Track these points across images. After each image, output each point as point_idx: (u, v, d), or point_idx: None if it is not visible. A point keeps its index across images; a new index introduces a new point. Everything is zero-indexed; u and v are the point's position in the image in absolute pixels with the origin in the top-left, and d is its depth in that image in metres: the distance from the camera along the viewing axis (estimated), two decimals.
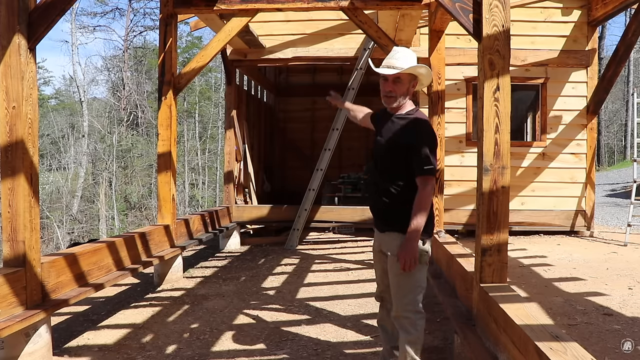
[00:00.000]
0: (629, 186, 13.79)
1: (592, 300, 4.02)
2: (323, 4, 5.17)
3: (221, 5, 5.22)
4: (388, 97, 2.49)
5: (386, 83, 2.46)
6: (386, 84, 2.47)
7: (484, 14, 2.73)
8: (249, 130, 8.72)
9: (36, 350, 2.96)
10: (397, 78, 2.44)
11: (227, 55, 7.58)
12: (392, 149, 2.45)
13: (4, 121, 3.00)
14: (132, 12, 29.29)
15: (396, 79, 2.44)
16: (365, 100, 10.28)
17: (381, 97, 2.50)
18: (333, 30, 7.47)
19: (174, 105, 5.28)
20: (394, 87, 2.45)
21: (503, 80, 2.72)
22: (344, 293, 4.60)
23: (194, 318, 3.95)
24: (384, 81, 2.48)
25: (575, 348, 1.80)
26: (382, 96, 2.50)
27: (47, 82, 35.01)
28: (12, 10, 3.00)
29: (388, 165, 2.46)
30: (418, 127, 2.42)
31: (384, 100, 2.50)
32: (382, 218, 2.52)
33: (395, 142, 2.44)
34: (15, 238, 3.00)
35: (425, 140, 2.37)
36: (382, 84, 2.49)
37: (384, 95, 2.49)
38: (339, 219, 7.50)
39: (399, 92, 2.46)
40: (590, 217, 7.18)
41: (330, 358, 3.11)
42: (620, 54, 6.71)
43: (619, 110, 33.09)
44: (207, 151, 30.17)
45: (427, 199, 2.34)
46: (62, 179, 26.99)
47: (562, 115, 7.25)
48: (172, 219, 5.24)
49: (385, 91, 2.48)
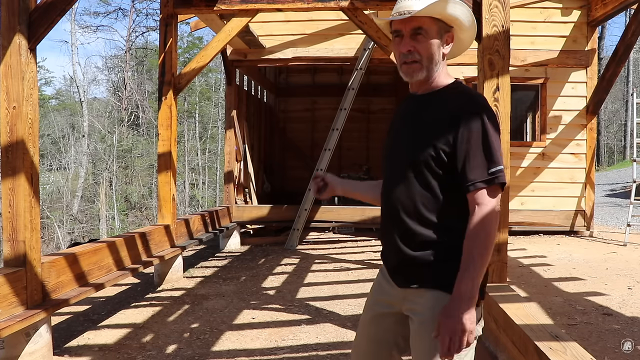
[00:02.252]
0: (628, 186, 13.79)
1: (592, 300, 4.02)
2: (323, 4, 5.17)
3: (221, 5, 5.22)
4: (409, 64, 1.48)
5: (401, 41, 1.48)
6: (402, 43, 1.48)
7: (484, 14, 2.73)
8: (249, 130, 8.72)
9: (36, 350, 2.97)
10: (417, 28, 1.45)
11: (227, 56, 7.58)
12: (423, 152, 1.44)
13: (4, 121, 3.00)
14: (135, 13, 29.34)
15: (416, 30, 1.45)
16: (365, 100, 10.51)
17: (398, 68, 1.53)
18: (333, 30, 7.47)
19: (174, 105, 5.29)
20: (415, 43, 1.46)
21: (503, 80, 2.73)
22: (344, 293, 4.60)
23: (194, 318, 3.96)
24: (398, 39, 1.49)
25: (574, 348, 1.80)
26: (400, 65, 1.51)
27: (48, 82, 35.05)
28: (13, 10, 3.00)
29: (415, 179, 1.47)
30: (469, 106, 1.44)
31: (402, 72, 1.51)
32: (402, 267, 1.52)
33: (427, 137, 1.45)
34: (15, 238, 3.01)
35: (484, 128, 1.40)
36: (395, 46, 1.51)
37: (401, 62, 1.50)
38: (339, 219, 7.50)
39: (424, 52, 1.46)
40: (589, 217, 7.18)
41: (330, 358, 3.11)
42: (620, 54, 6.71)
43: (619, 111, 33.11)
44: (207, 151, 30.19)
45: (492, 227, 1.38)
46: (62, 179, 26.99)
47: (561, 116, 7.25)
48: (173, 218, 5.25)
49: (403, 54, 1.48)
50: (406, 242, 1.48)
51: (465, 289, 1.34)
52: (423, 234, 1.46)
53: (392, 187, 1.54)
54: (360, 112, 10.46)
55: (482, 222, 1.37)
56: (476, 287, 1.35)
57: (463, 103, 1.44)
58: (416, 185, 1.47)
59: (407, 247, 1.48)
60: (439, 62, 1.49)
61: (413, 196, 1.47)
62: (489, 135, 1.40)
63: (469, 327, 1.32)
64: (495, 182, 1.39)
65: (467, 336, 1.32)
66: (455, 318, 1.33)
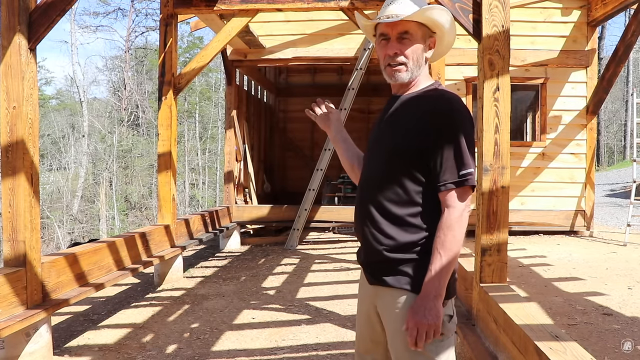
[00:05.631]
0: (628, 186, 13.80)
1: (592, 300, 4.02)
2: (323, 4, 5.18)
3: (221, 5, 5.22)
4: (393, 67, 1.53)
5: (388, 44, 1.53)
6: (388, 45, 1.53)
7: (484, 14, 2.73)
8: (249, 130, 8.72)
9: (37, 349, 2.97)
10: (404, 32, 1.51)
11: (227, 56, 7.58)
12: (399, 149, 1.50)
13: (4, 121, 3.00)
14: (135, 13, 29.35)
15: (403, 34, 1.51)
16: (365, 100, 10.51)
17: (383, 71, 1.59)
18: (333, 30, 7.48)
19: (174, 105, 5.29)
20: (401, 47, 1.51)
21: (503, 80, 2.73)
22: (344, 293, 4.60)
23: (194, 318, 3.96)
24: (384, 42, 1.54)
25: (574, 348, 1.80)
26: (384, 67, 1.57)
27: (48, 82, 35.05)
28: (13, 10, 3.00)
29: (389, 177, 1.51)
30: (443, 107, 1.48)
31: (387, 73, 1.57)
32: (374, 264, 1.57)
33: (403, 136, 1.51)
34: (15, 238, 3.01)
35: (457, 127, 1.45)
36: (381, 49, 1.56)
37: (386, 64, 1.55)
38: (339, 219, 7.50)
39: (410, 56, 1.52)
40: (589, 217, 7.18)
41: (330, 358, 3.11)
42: (620, 54, 6.71)
43: (619, 110, 33.11)
44: (207, 151, 30.19)
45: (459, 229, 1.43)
46: (62, 179, 26.99)
47: (561, 116, 7.25)
48: (173, 218, 5.25)
49: (388, 56, 1.53)
50: (376, 239, 1.53)
51: (432, 288, 1.43)
52: (392, 232, 1.50)
53: (367, 185, 1.60)
54: (360, 112, 10.47)
55: (450, 223, 1.43)
56: (442, 285, 1.43)
57: (438, 106, 1.49)
58: (389, 184, 1.51)
59: (377, 244, 1.53)
60: (422, 65, 1.56)
61: (385, 195, 1.52)
62: (460, 138, 1.44)
63: (434, 321, 1.41)
64: (465, 184, 1.44)
65: (434, 330, 1.42)
66: (420, 314, 1.42)
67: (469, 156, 1.45)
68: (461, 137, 1.44)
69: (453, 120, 1.46)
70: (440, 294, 1.43)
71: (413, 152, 1.47)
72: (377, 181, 1.55)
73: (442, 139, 1.44)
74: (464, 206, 1.45)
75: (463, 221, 1.44)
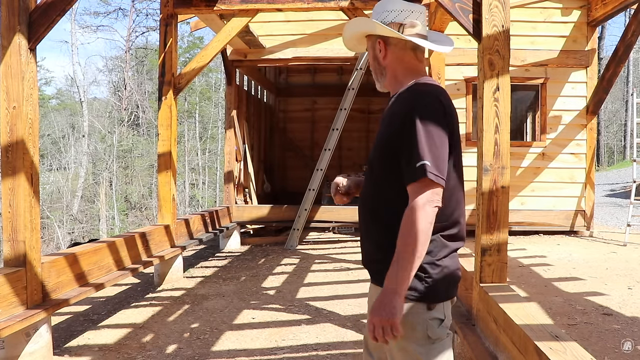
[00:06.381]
0: (628, 186, 13.80)
1: (592, 300, 4.02)
2: (323, 4, 5.18)
3: (221, 5, 5.22)
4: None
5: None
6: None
7: (484, 14, 2.73)
8: (249, 130, 8.72)
9: (37, 349, 2.97)
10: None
11: (227, 56, 7.58)
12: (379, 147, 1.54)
13: (4, 121, 3.01)
14: (135, 13, 29.34)
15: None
16: (365, 100, 10.50)
17: None
18: (333, 30, 7.47)
19: (174, 105, 5.29)
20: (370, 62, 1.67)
21: (503, 80, 2.73)
22: (344, 293, 4.60)
23: (194, 318, 3.96)
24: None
25: (574, 348, 1.80)
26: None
27: (48, 82, 35.05)
28: (13, 10, 3.00)
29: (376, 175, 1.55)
30: (408, 104, 1.47)
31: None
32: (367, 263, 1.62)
33: (381, 135, 1.55)
34: (15, 238, 3.01)
35: (415, 121, 1.41)
36: None
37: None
38: (339, 219, 7.50)
39: (372, 69, 1.66)
40: (589, 217, 7.18)
41: (330, 358, 3.11)
42: (620, 54, 6.71)
43: (619, 111, 33.11)
44: (207, 151, 30.19)
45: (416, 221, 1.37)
46: (62, 179, 27.00)
47: (561, 116, 7.25)
48: (173, 218, 5.25)
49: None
50: (367, 238, 1.58)
51: (389, 283, 1.39)
52: (376, 231, 1.54)
53: (364, 185, 1.64)
54: (360, 112, 10.46)
55: (409, 216, 1.38)
56: (400, 281, 1.37)
57: (408, 102, 1.49)
58: (374, 183, 1.55)
59: (367, 243, 1.58)
60: (385, 69, 1.61)
61: (371, 194, 1.57)
62: (418, 132, 1.40)
63: (387, 317, 1.36)
64: (421, 177, 1.38)
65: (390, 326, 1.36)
66: (375, 309, 1.38)
67: (425, 147, 1.39)
68: (419, 130, 1.40)
69: (413, 114, 1.42)
70: (397, 291, 1.37)
71: (388, 153, 1.49)
72: (368, 181, 1.60)
73: (405, 135, 1.43)
74: (425, 200, 1.38)
75: (423, 216, 1.36)
